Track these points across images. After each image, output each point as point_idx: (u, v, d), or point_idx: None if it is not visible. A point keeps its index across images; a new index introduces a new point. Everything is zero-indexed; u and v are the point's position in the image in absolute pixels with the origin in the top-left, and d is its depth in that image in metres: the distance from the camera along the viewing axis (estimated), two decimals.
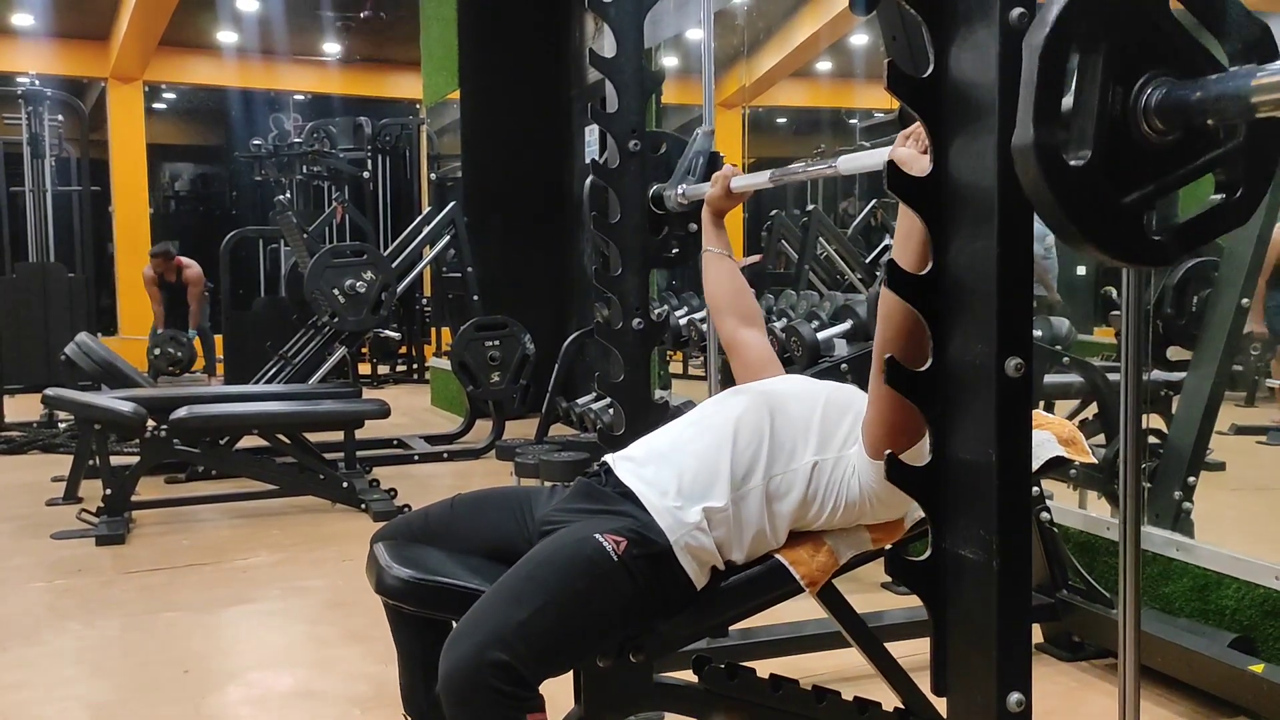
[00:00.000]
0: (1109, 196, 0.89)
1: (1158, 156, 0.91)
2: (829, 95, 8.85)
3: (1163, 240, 0.93)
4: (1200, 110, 0.88)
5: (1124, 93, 0.90)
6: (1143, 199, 0.91)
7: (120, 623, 3.12)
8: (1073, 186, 0.88)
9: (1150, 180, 0.91)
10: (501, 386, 5.82)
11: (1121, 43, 0.89)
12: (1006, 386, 0.99)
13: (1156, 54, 0.90)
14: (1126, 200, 0.90)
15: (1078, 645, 2.68)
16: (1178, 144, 0.91)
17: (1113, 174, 0.89)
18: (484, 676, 1.39)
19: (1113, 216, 0.90)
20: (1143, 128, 0.90)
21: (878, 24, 2.25)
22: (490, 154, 7.23)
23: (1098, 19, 0.88)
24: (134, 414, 4.22)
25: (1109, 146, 0.89)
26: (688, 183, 2.31)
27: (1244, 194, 0.94)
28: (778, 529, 1.63)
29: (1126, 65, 0.89)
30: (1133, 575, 1.66)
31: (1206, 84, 0.88)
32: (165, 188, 13.67)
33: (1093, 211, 0.89)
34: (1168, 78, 0.90)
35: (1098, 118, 0.89)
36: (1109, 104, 0.89)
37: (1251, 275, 2.76)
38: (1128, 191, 0.90)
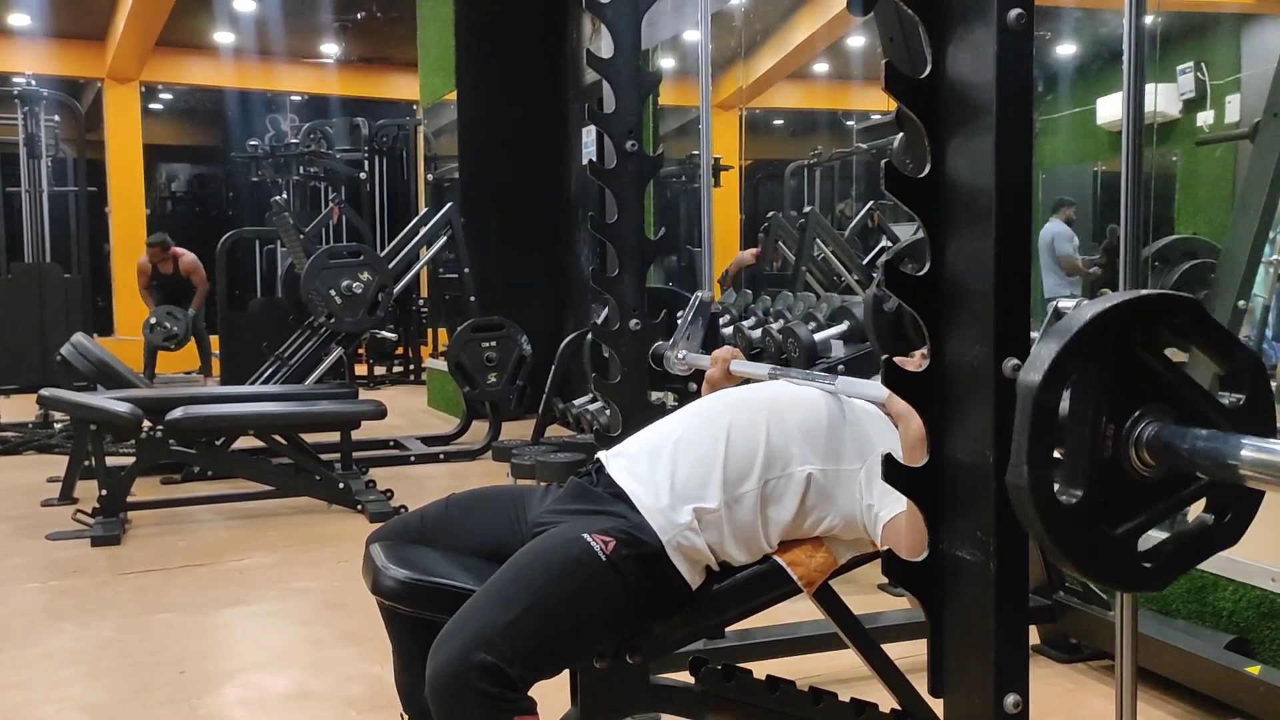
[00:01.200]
0: (1101, 530, 0.93)
1: (1148, 490, 0.94)
2: (826, 97, 8.86)
3: (1155, 567, 0.96)
4: (1190, 462, 0.91)
5: (1116, 428, 0.92)
6: (1133, 530, 0.94)
7: (116, 624, 3.11)
8: (1066, 523, 0.91)
9: (1141, 511, 0.94)
10: (498, 387, 5.82)
11: (1114, 383, 0.92)
12: (1004, 387, 0.99)
13: (1149, 390, 0.93)
14: (1118, 532, 0.93)
15: (1075, 647, 2.68)
16: (1167, 477, 0.94)
17: (1104, 508, 0.92)
18: (470, 678, 1.38)
19: (1105, 548, 0.93)
20: (1134, 462, 0.93)
21: (875, 25, 2.25)
22: (487, 155, 7.23)
23: (1091, 362, 0.91)
24: (130, 414, 4.21)
25: (1101, 482, 0.92)
26: (688, 346, 2.37)
27: (1234, 517, 0.98)
28: (770, 535, 1.63)
29: (1120, 402, 0.92)
30: None
31: (1197, 439, 0.91)
32: (162, 188, 13.65)
33: (1085, 546, 0.92)
34: (1160, 415, 0.93)
35: (1090, 456, 0.92)
36: (1101, 440, 0.92)
37: (1248, 277, 2.76)
38: (1119, 523, 0.93)
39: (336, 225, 9.94)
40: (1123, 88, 1.61)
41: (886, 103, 5.53)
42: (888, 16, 2.14)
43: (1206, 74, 4.50)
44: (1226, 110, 4.45)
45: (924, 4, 1.03)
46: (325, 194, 10.78)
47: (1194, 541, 0.98)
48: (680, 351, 2.36)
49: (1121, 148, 1.62)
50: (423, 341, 9.77)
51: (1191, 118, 4.57)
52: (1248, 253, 2.75)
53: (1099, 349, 0.91)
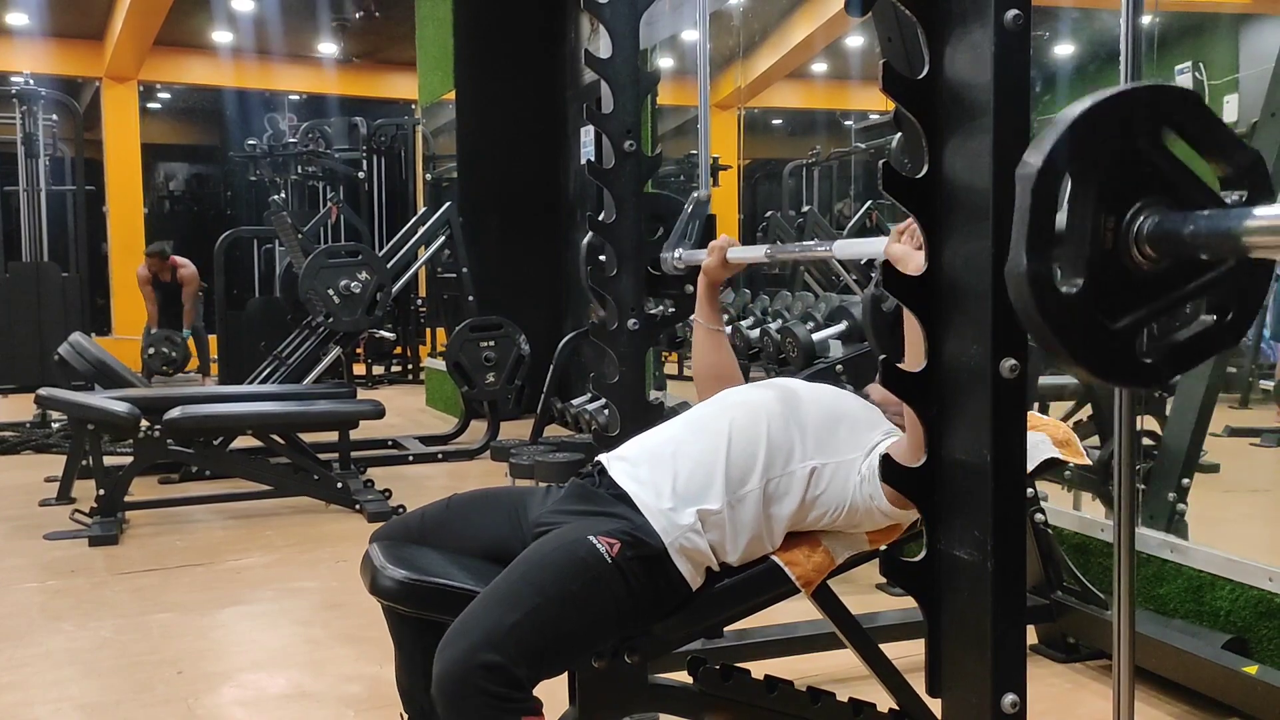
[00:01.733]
0: (1100, 323, 0.91)
1: (1149, 283, 0.92)
2: (825, 97, 8.86)
3: (1155, 363, 0.94)
4: (1191, 245, 0.89)
5: (1116, 221, 0.91)
6: (1133, 324, 0.92)
7: (113, 624, 3.11)
8: (1064, 313, 0.90)
9: (1141, 306, 0.92)
10: (496, 387, 5.82)
11: (1114, 172, 0.90)
12: (1001, 387, 0.99)
13: (1149, 182, 0.91)
14: (1118, 326, 0.91)
15: (1072, 646, 2.68)
16: (1168, 270, 0.92)
17: (1104, 301, 0.91)
18: (476, 679, 1.39)
19: (1104, 342, 0.91)
20: (1134, 255, 0.91)
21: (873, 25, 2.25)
22: (486, 154, 7.23)
23: (1090, 150, 0.89)
24: (128, 414, 4.20)
25: (1100, 274, 0.91)
26: (684, 247, 2.35)
27: (1235, 316, 0.96)
28: (774, 532, 1.63)
29: (1119, 194, 0.91)
30: (1127, 576, 1.66)
31: (1198, 219, 0.89)
32: (160, 187, 13.64)
33: (1084, 338, 0.91)
34: (1159, 207, 0.91)
35: (1090, 246, 0.90)
36: (1101, 232, 0.90)
37: None
38: (1119, 317, 0.91)
39: (335, 225, 9.94)
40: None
41: (885, 103, 5.53)
42: (886, 17, 2.14)
43: (1204, 74, 4.50)
44: (1224, 110, 4.45)
45: (922, 4, 1.03)
46: (323, 193, 10.78)
47: (1195, 341, 0.96)
48: (677, 251, 2.35)
49: None
50: (421, 341, 9.77)
51: None
52: None
53: (1098, 139, 0.89)
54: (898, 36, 2.13)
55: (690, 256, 2.33)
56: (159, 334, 8.96)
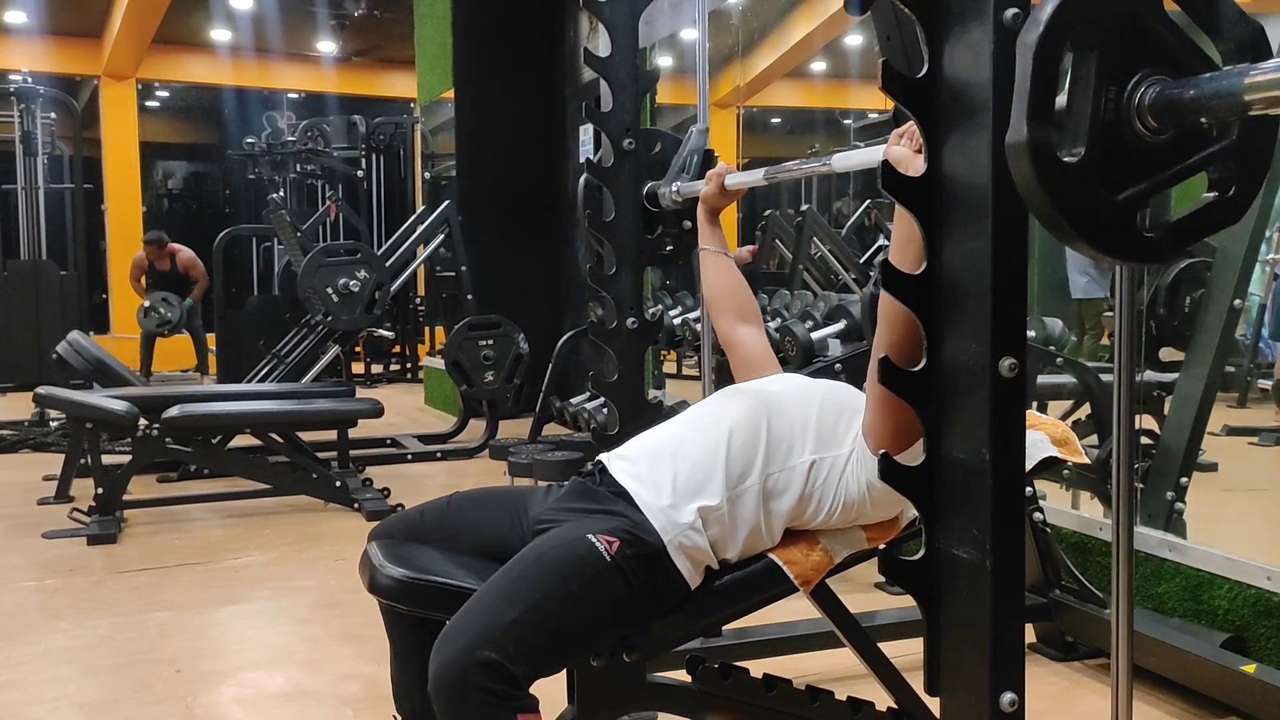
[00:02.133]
0: (1102, 194, 0.89)
1: (1151, 155, 0.91)
2: (823, 96, 8.86)
3: (1155, 238, 0.93)
4: (1193, 108, 0.88)
5: (1118, 91, 0.90)
6: (1136, 196, 0.91)
7: (111, 622, 3.11)
8: (1066, 183, 0.88)
9: (1144, 178, 0.91)
10: (495, 386, 5.81)
11: (1115, 42, 0.89)
12: (1000, 386, 0.99)
13: (1150, 53, 0.90)
14: (1120, 198, 0.90)
15: (1070, 645, 2.68)
16: (1171, 142, 0.91)
17: (1106, 172, 0.89)
18: (473, 676, 1.38)
19: (1106, 213, 0.90)
20: (1136, 126, 0.90)
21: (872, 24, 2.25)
22: (485, 153, 7.22)
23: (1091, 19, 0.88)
24: (126, 413, 4.20)
25: (1102, 144, 0.89)
26: (682, 180, 2.31)
27: (1237, 192, 0.94)
28: (773, 528, 1.63)
29: (1120, 64, 0.89)
30: (1125, 575, 1.66)
31: (1200, 82, 0.88)
32: (158, 186, 13.63)
33: (1086, 208, 0.89)
34: (1162, 77, 0.90)
35: (1091, 116, 0.89)
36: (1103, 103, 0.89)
37: (1244, 276, 2.76)
38: (1121, 189, 0.90)
39: (333, 223, 9.94)
40: None
41: (884, 101, 5.53)
42: (885, 15, 2.14)
43: None
44: None
45: (921, 3, 1.03)
46: (322, 192, 10.78)
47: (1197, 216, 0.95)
48: (675, 185, 2.31)
49: None
50: (420, 340, 9.77)
51: None
52: (1244, 252, 2.75)
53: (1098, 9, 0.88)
54: (896, 35, 2.12)
55: (688, 189, 2.27)
56: (155, 294, 8.86)
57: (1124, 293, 1.73)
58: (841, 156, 1.67)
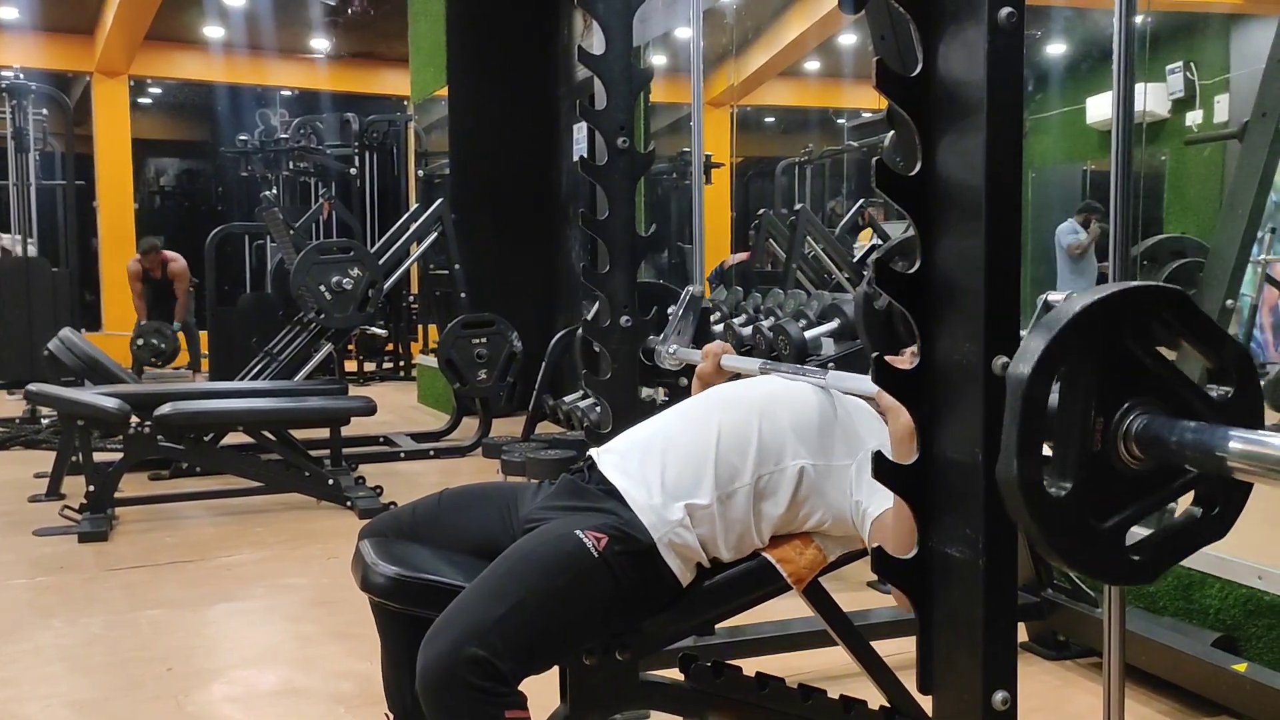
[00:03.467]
0: (1089, 523, 0.93)
1: (1137, 482, 0.94)
2: (817, 95, 8.87)
3: (1142, 560, 0.96)
4: (1178, 454, 0.92)
5: (1105, 422, 0.93)
6: (1122, 523, 0.94)
7: (103, 620, 3.10)
8: (1054, 515, 0.92)
9: (1130, 505, 0.94)
10: (488, 384, 5.81)
11: (1103, 375, 0.92)
12: (994, 385, 0.99)
13: (1137, 383, 0.93)
14: (1106, 525, 0.93)
15: (1063, 644, 2.69)
16: (1156, 469, 0.94)
17: (1093, 501, 0.93)
18: (460, 672, 1.38)
19: (1093, 540, 0.93)
20: (1122, 454, 0.93)
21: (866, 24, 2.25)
22: (478, 151, 7.21)
23: (1080, 355, 0.91)
24: (118, 410, 4.19)
25: (1089, 475, 0.92)
26: (679, 341, 2.37)
27: (1222, 510, 0.98)
28: (763, 530, 1.63)
29: (1108, 395, 0.92)
30: None
31: (1184, 432, 0.91)
32: (150, 183, 13.58)
33: (1074, 538, 0.93)
34: (1149, 407, 0.93)
35: (1079, 448, 0.92)
36: (1090, 433, 0.92)
37: (1236, 276, 2.77)
38: (1107, 517, 0.93)
39: (327, 221, 9.93)
40: (1112, 87, 1.62)
41: (877, 100, 5.54)
42: (879, 14, 2.14)
43: (1195, 74, 4.51)
44: (1215, 110, 4.46)
45: (915, 2, 1.03)
46: (315, 189, 10.76)
47: (1182, 534, 0.98)
48: (671, 346, 2.37)
49: (1111, 147, 1.63)
50: (413, 337, 9.76)
51: (1180, 117, 4.59)
52: (1236, 252, 2.76)
53: (1088, 342, 0.91)
54: (891, 34, 2.13)
55: (685, 355, 2.35)
56: (148, 326, 8.96)
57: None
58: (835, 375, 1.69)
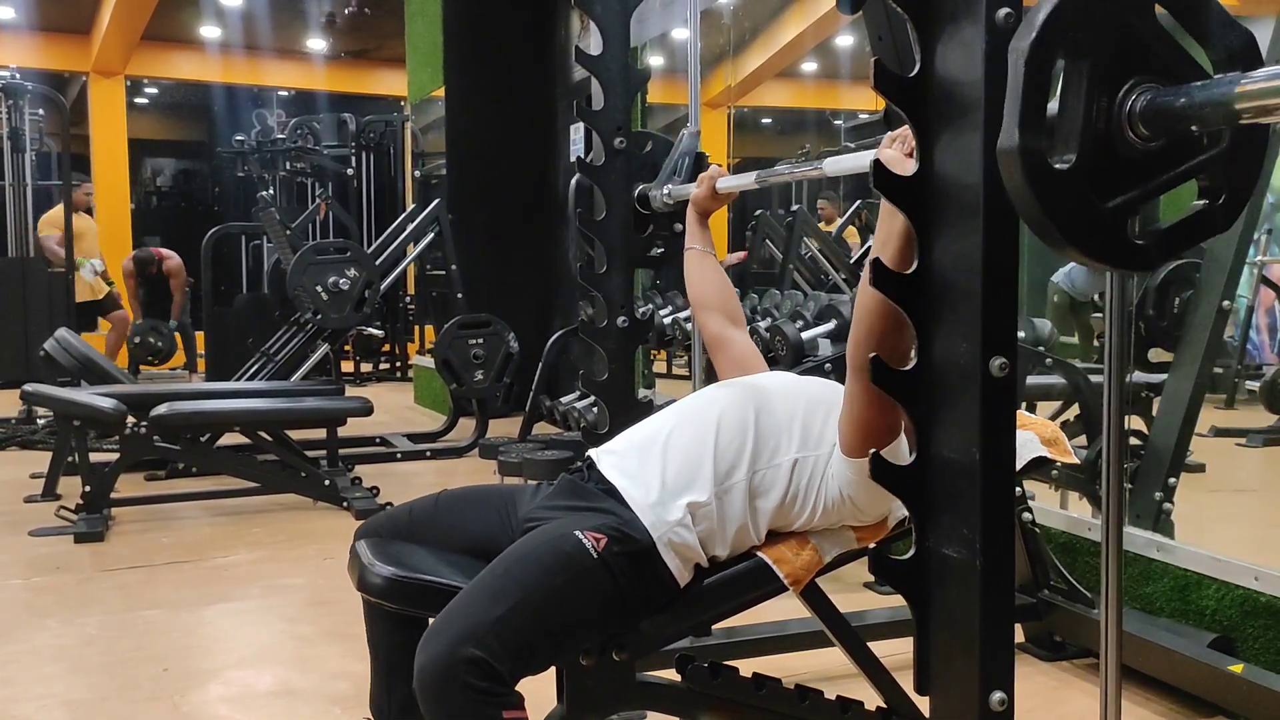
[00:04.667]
0: (1093, 201, 0.90)
1: (1142, 162, 0.91)
2: (814, 96, 8.87)
3: (1146, 245, 0.93)
4: (1184, 116, 0.88)
5: (1109, 99, 0.90)
6: (1126, 204, 0.91)
7: (99, 620, 3.10)
8: (1056, 190, 0.88)
9: (1134, 186, 0.91)
10: (485, 384, 5.80)
11: (1107, 49, 0.89)
12: (990, 386, 0.99)
13: (1142, 61, 0.91)
14: (1110, 205, 0.90)
15: (1059, 645, 2.69)
16: (1162, 150, 0.91)
17: (1097, 179, 0.90)
18: (458, 673, 1.38)
19: (1096, 221, 0.90)
20: (1127, 134, 0.90)
21: (863, 25, 2.25)
22: (475, 151, 7.21)
23: (1084, 26, 0.88)
24: (114, 410, 4.18)
25: (1093, 152, 0.89)
26: (674, 183, 2.31)
27: (1227, 200, 0.95)
28: (759, 526, 1.63)
29: (1112, 72, 0.90)
30: (1114, 575, 1.67)
31: (1191, 90, 0.88)
32: (147, 183, 13.57)
33: (1076, 215, 0.89)
34: (1153, 84, 0.90)
35: (1083, 124, 0.89)
36: (1094, 110, 0.89)
37: (1232, 278, 2.77)
38: (1111, 196, 0.90)
39: (323, 221, 9.91)
40: None
41: (874, 101, 5.54)
42: (876, 15, 2.14)
43: None
44: None
45: (913, 2, 1.03)
46: (312, 190, 10.74)
47: (1188, 223, 0.95)
48: (666, 187, 2.32)
49: None
50: (409, 338, 9.75)
51: None
52: (1232, 253, 2.76)
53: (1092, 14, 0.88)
54: (888, 34, 2.13)
55: (679, 192, 2.28)
56: (144, 324, 8.95)
57: (1114, 294, 1.74)
58: (833, 160, 1.68)
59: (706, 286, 2.00)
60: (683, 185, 2.28)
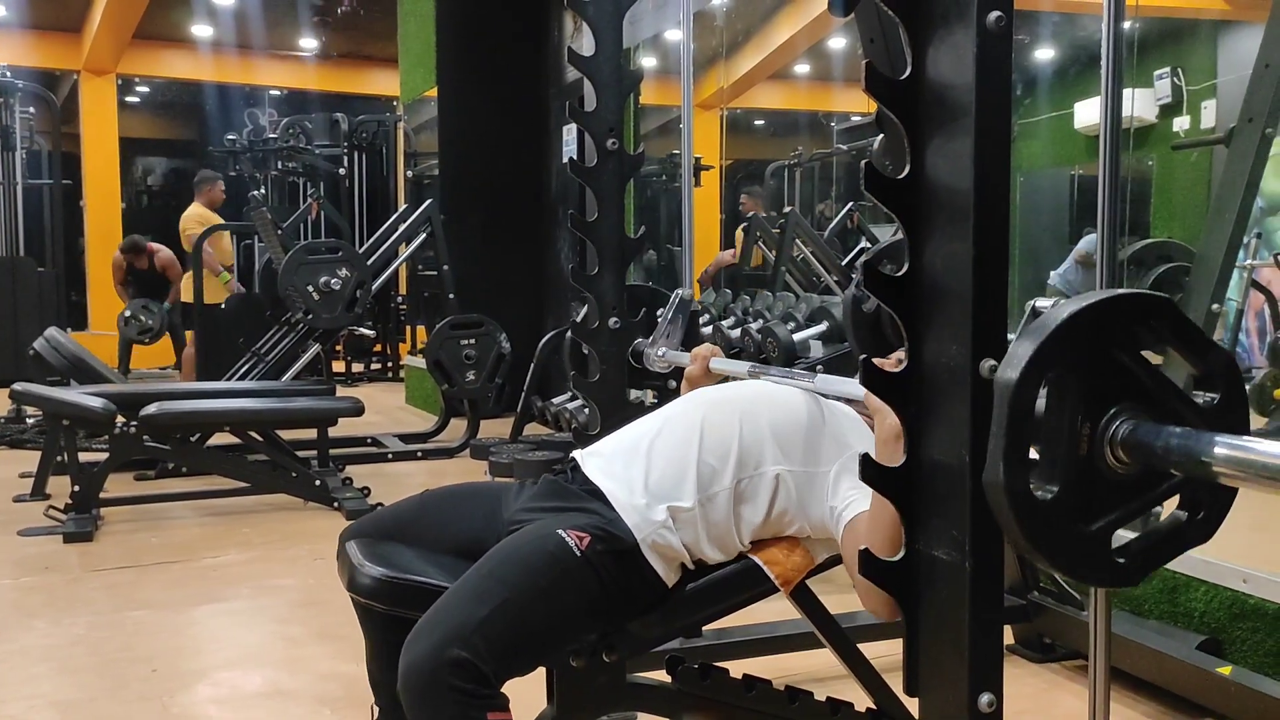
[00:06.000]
0: (1076, 526, 0.93)
1: (1123, 486, 0.95)
2: (807, 98, 8.88)
3: (1127, 564, 0.97)
4: (1164, 460, 0.92)
5: (1092, 426, 0.93)
6: (1107, 526, 0.95)
7: (88, 621, 3.08)
8: (1041, 520, 0.92)
9: (1115, 508, 0.95)
10: (477, 385, 5.80)
11: (1091, 381, 0.93)
12: (981, 388, 0.99)
13: (1124, 388, 0.94)
14: (1093, 528, 0.94)
15: (1048, 647, 2.70)
16: (1142, 473, 0.95)
17: (1079, 504, 0.93)
18: (443, 674, 1.38)
19: (1078, 544, 0.94)
20: (1108, 459, 0.94)
21: (855, 27, 2.26)
22: (467, 152, 7.20)
23: (1068, 362, 0.91)
24: (103, 410, 4.17)
25: (1076, 479, 0.93)
26: (667, 344, 2.37)
27: (1207, 514, 0.99)
28: (743, 534, 1.63)
29: (1095, 401, 0.93)
30: None
31: (1170, 437, 0.91)
32: (138, 182, 13.51)
33: (1060, 541, 0.93)
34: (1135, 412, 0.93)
35: (1066, 452, 0.92)
36: (1077, 438, 0.93)
37: (1222, 281, 2.78)
38: (1093, 519, 0.94)
39: (315, 221, 9.88)
40: (1100, 92, 1.62)
41: (866, 104, 5.55)
42: (868, 18, 2.15)
43: (1183, 79, 4.53)
44: (1202, 115, 4.49)
45: (904, 5, 1.03)
46: (304, 189, 10.72)
47: (1167, 538, 0.98)
48: (660, 349, 2.37)
49: (1099, 152, 1.64)
50: (401, 338, 9.73)
51: (1168, 123, 4.61)
52: (1222, 257, 2.77)
53: (1075, 348, 0.91)
54: (880, 37, 2.13)
55: (674, 357, 2.35)
56: (135, 302, 8.82)
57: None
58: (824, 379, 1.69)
59: None
60: (677, 352, 2.34)
